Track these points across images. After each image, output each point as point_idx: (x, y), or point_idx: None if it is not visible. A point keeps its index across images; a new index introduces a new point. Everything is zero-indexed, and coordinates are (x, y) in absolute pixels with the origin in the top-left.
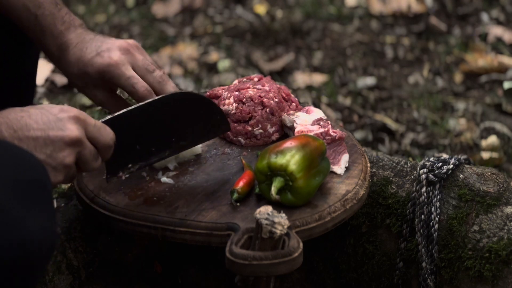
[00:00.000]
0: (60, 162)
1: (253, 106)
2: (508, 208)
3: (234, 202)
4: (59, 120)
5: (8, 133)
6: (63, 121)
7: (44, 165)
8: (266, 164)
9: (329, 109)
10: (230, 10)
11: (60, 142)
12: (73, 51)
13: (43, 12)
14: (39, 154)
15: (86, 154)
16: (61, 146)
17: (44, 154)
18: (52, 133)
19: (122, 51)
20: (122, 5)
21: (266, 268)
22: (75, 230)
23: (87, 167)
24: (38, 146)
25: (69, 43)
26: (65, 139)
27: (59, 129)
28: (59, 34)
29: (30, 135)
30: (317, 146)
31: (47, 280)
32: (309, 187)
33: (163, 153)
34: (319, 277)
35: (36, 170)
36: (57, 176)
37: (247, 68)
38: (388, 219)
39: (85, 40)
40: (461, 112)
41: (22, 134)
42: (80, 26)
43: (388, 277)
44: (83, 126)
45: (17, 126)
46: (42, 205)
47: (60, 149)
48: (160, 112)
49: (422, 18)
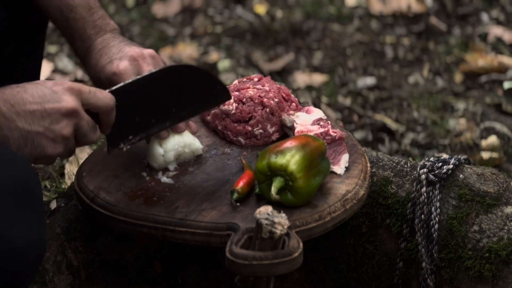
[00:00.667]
0: (59, 134)
1: (253, 106)
2: (508, 208)
3: (234, 202)
4: (54, 92)
5: (6, 107)
6: (58, 93)
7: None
8: (266, 164)
9: (329, 109)
10: (230, 10)
11: (57, 114)
12: (95, 55)
13: (75, 16)
14: (37, 127)
15: (83, 125)
16: (58, 117)
17: (42, 126)
18: (48, 106)
19: (131, 60)
20: (122, 5)
21: (266, 268)
22: (75, 230)
23: (86, 139)
24: (36, 119)
25: (94, 47)
26: (62, 110)
27: (54, 101)
28: (87, 38)
29: (27, 108)
30: (317, 146)
31: (47, 280)
32: (309, 187)
33: (163, 124)
34: (319, 277)
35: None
36: (57, 148)
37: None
38: (388, 219)
39: (108, 46)
40: (461, 112)
41: (19, 108)
42: (112, 31)
43: (388, 277)
44: (79, 96)
45: (14, 101)
46: (30, 212)
47: (57, 120)
48: (158, 84)
49: (422, 18)
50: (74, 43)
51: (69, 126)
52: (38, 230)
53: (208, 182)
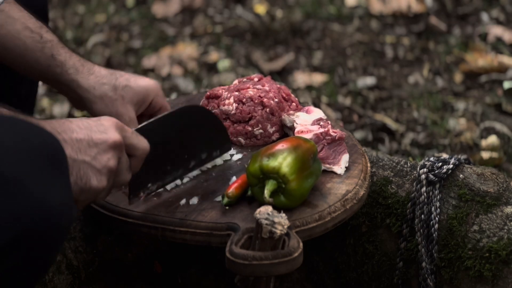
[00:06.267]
0: (105, 165)
1: (253, 106)
2: (508, 208)
3: (224, 207)
4: (100, 124)
5: (54, 133)
6: (104, 125)
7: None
8: (258, 167)
9: (329, 109)
10: (230, 10)
11: (104, 145)
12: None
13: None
14: (84, 155)
15: (124, 162)
16: (104, 148)
17: (89, 156)
18: (95, 136)
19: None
20: (122, 5)
21: (266, 268)
22: (75, 230)
23: (121, 177)
24: (83, 148)
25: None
26: (109, 141)
27: (101, 132)
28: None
29: (74, 137)
30: (309, 148)
31: (47, 280)
32: (302, 189)
33: (176, 172)
34: (319, 277)
35: (52, 145)
36: (102, 180)
37: (247, 68)
38: (388, 219)
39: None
40: (461, 112)
41: (67, 135)
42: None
43: (388, 277)
44: (122, 133)
45: (61, 129)
46: (61, 178)
47: (104, 151)
48: (174, 125)
49: (422, 18)
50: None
51: (114, 159)
52: (69, 194)
53: (208, 182)
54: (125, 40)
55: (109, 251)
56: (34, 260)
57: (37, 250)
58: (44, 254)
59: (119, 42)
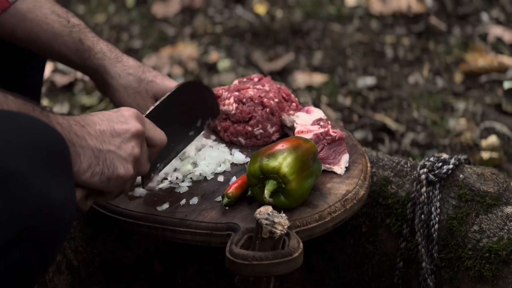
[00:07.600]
0: (130, 153)
1: (253, 106)
2: (508, 208)
3: (224, 207)
4: (121, 115)
5: (77, 127)
6: (125, 115)
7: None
8: (258, 167)
9: (329, 109)
10: (230, 10)
11: (127, 134)
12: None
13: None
14: (108, 145)
15: (144, 152)
16: (128, 137)
17: (114, 145)
18: (117, 126)
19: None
20: (122, 5)
21: (266, 268)
22: (75, 230)
23: (142, 168)
24: (106, 138)
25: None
26: (131, 130)
27: (123, 122)
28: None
29: (97, 128)
30: (309, 148)
31: (47, 280)
32: (302, 189)
33: (178, 147)
34: (319, 277)
35: (56, 141)
36: (128, 168)
37: (247, 68)
38: (388, 219)
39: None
40: (461, 112)
41: (90, 128)
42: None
43: (388, 277)
44: (142, 123)
45: (84, 123)
46: (64, 174)
47: (127, 140)
48: (175, 105)
49: (422, 18)
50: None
51: (138, 147)
52: (71, 190)
53: (208, 182)
54: (125, 40)
55: (109, 251)
56: (36, 257)
57: (39, 247)
58: (46, 251)
59: (119, 42)
